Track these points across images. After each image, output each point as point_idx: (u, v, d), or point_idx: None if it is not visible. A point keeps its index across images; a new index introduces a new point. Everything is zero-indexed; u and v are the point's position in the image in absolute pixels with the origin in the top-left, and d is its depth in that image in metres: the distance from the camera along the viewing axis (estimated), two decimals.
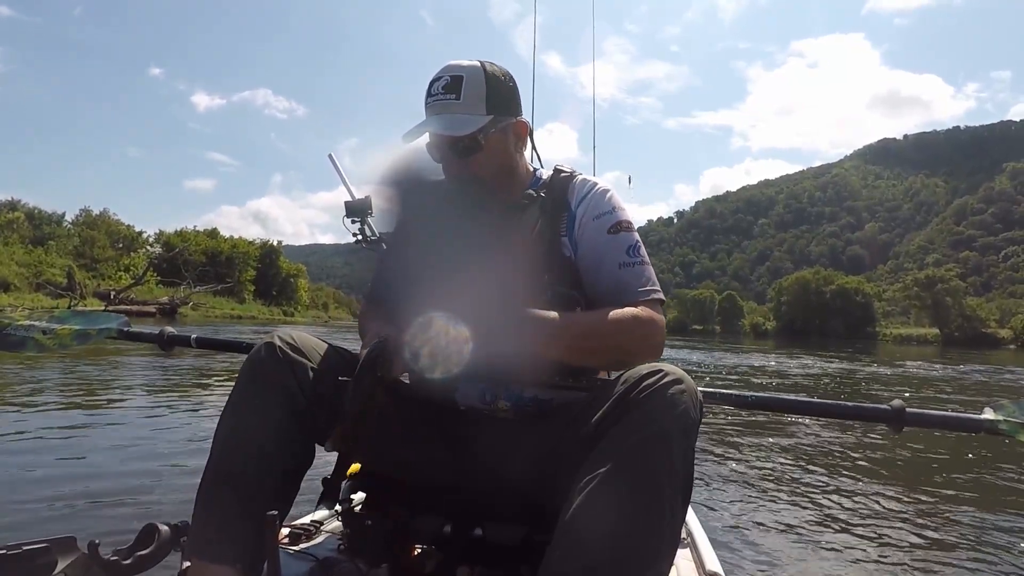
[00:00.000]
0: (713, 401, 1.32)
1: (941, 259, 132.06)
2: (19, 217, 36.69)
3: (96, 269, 35.78)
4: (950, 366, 16.67)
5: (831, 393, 8.77)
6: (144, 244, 43.44)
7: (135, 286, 31.38)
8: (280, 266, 49.83)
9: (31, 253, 31.88)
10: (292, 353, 1.04)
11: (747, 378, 10.54)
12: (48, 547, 1.00)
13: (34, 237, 35.68)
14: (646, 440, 0.85)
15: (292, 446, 1.01)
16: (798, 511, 3.01)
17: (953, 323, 65.51)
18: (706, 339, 47.24)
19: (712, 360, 15.58)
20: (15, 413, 4.48)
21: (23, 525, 2.26)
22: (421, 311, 0.97)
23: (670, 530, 0.84)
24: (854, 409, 1.40)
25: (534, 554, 0.94)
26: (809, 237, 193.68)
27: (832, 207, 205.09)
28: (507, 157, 1.18)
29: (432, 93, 1.13)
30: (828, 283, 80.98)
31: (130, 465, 3.19)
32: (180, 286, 33.29)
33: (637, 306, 1.08)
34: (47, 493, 2.65)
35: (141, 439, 3.86)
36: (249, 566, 0.93)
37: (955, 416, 1.32)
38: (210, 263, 40.91)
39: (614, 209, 1.16)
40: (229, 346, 1.69)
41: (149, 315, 26.43)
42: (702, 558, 1.37)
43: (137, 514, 2.40)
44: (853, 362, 17.01)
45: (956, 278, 74.38)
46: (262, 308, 42.40)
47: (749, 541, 2.55)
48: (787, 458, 4.18)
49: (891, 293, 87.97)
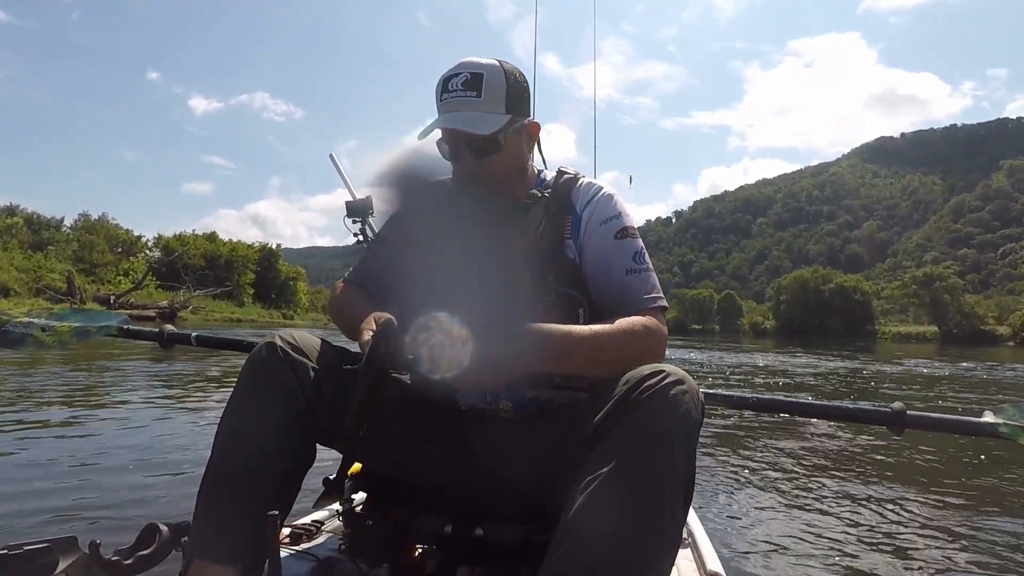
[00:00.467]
0: (715, 403, 1.32)
1: (939, 257, 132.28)
2: (18, 222, 36.66)
3: (95, 274, 35.73)
4: (949, 364, 16.67)
5: (833, 393, 8.76)
6: (143, 248, 43.41)
7: (135, 290, 31.37)
8: (279, 269, 49.79)
9: (30, 258, 31.83)
10: (293, 353, 1.04)
11: (748, 378, 10.53)
12: (49, 547, 1.00)
13: (33, 242, 35.64)
14: (647, 440, 0.85)
15: (293, 446, 1.01)
16: (799, 512, 3.00)
17: (951, 320, 65.59)
18: (706, 339, 47.22)
19: (712, 360, 15.54)
20: (15, 413, 4.47)
21: (24, 525, 2.26)
22: (423, 311, 0.97)
23: (671, 530, 0.85)
24: (855, 411, 1.41)
25: (534, 554, 0.94)
26: (807, 236, 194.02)
27: (830, 206, 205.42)
28: (521, 159, 1.18)
29: (450, 89, 1.10)
30: (827, 282, 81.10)
31: (131, 465, 3.19)
32: (179, 290, 33.30)
33: (643, 314, 1.08)
34: (48, 493, 2.65)
35: (142, 439, 3.86)
36: (249, 566, 0.93)
37: (956, 419, 1.31)
38: (209, 267, 40.89)
39: (620, 214, 1.15)
40: (229, 344, 1.69)
41: (149, 319, 26.43)
42: (703, 558, 1.37)
43: (138, 514, 2.40)
44: (853, 361, 16.98)
45: (954, 276, 74.53)
46: (261, 311, 42.37)
47: (750, 541, 2.55)
48: (788, 459, 4.18)
49: (889, 291, 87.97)
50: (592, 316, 1.12)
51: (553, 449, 0.99)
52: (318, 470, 1.05)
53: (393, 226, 1.25)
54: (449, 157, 1.14)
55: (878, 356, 20.82)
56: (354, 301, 1.19)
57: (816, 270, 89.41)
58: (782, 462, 4.07)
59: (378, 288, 1.22)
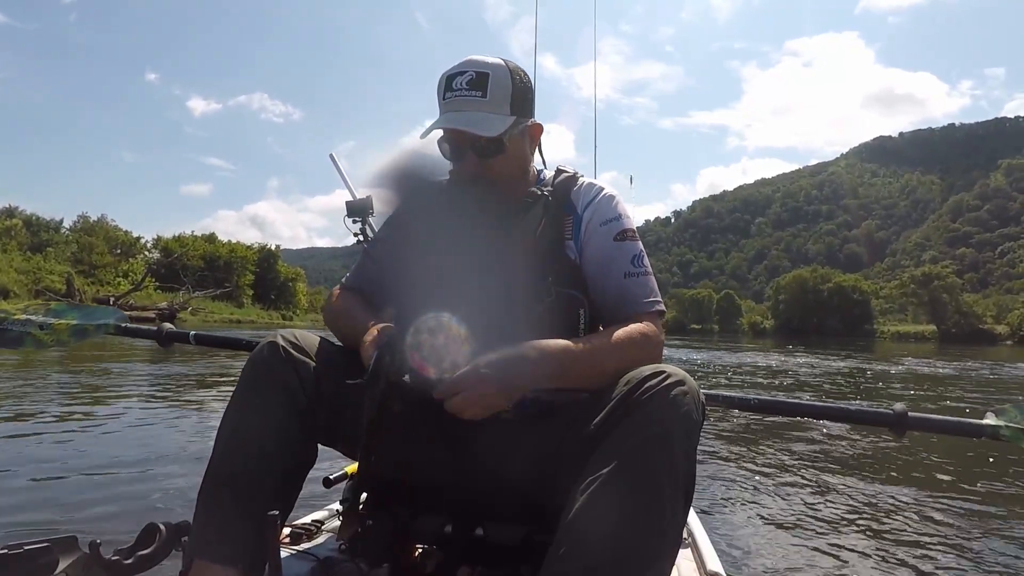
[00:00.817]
0: (716, 404, 1.32)
1: (938, 256, 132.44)
2: (17, 224, 36.67)
3: (94, 275, 35.77)
4: (948, 363, 16.70)
5: (833, 393, 8.77)
6: (142, 250, 43.44)
7: (134, 292, 31.39)
8: (278, 270, 49.84)
9: (30, 260, 31.91)
10: (295, 352, 1.03)
11: (748, 378, 10.55)
12: (49, 547, 1.00)
13: (32, 244, 35.65)
14: (648, 441, 0.85)
15: (294, 446, 1.00)
16: (800, 512, 3.00)
17: (950, 320, 65.72)
18: (705, 338, 47.27)
19: (712, 359, 15.56)
20: (15, 413, 4.47)
21: (24, 525, 2.25)
22: (423, 311, 0.97)
23: (672, 530, 0.85)
24: (857, 413, 1.41)
25: (535, 554, 0.94)
26: (806, 236, 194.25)
27: (829, 205, 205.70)
28: (524, 160, 1.17)
29: (454, 88, 1.08)
30: (825, 281, 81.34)
31: (131, 465, 3.19)
32: (179, 291, 33.30)
33: (640, 318, 1.07)
34: (48, 493, 2.65)
35: (142, 439, 3.85)
36: (250, 566, 0.93)
37: (957, 421, 1.31)
38: (208, 268, 40.96)
39: (620, 216, 1.14)
40: (228, 343, 1.68)
41: (148, 320, 26.35)
42: (703, 558, 1.37)
43: (138, 514, 2.39)
44: (852, 360, 17.00)
45: (953, 275, 74.61)
46: (261, 312, 42.42)
47: (750, 542, 2.54)
48: (789, 459, 4.18)
49: (888, 291, 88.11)
50: (592, 317, 1.12)
51: (553, 449, 0.99)
52: (318, 470, 1.05)
53: (391, 228, 1.24)
54: (450, 157, 1.12)
55: (877, 356, 20.85)
56: (351, 309, 1.18)
57: (815, 269, 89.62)
58: (782, 463, 4.07)
59: (375, 291, 1.21)
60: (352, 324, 1.11)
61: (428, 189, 1.09)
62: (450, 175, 1.13)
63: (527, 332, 1.00)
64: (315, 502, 1.66)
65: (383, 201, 1.09)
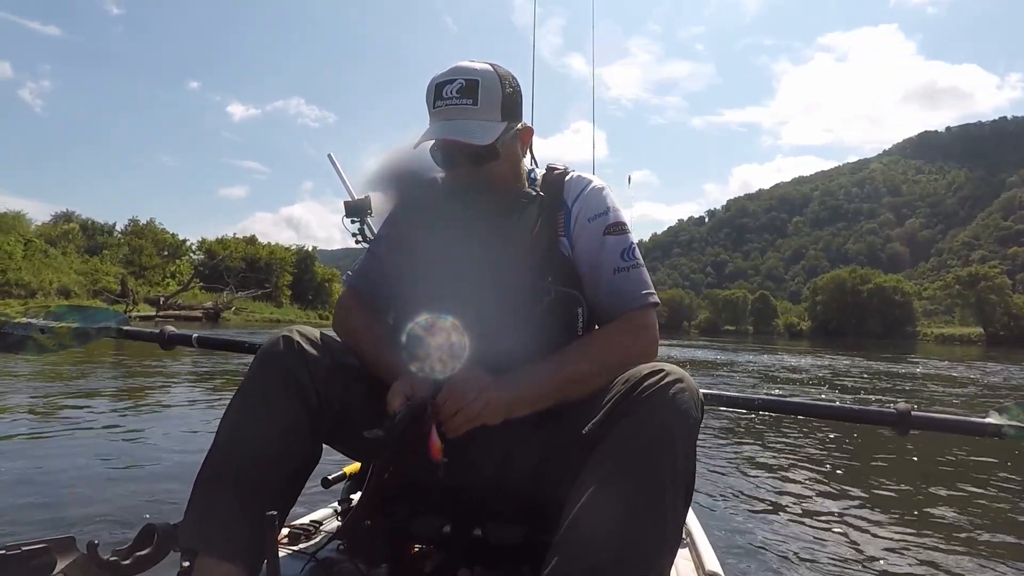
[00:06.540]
0: (718, 403, 1.32)
1: (987, 255, 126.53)
2: (74, 228, 38.61)
3: (144, 276, 37.17)
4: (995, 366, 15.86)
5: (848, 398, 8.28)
6: (188, 251, 45.12)
7: (182, 292, 32.49)
8: (315, 271, 51.06)
9: (87, 262, 33.50)
10: (309, 348, 1.01)
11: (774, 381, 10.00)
12: (47, 547, 0.99)
13: (88, 247, 37.56)
14: (648, 440, 0.85)
15: (299, 444, 0.99)
16: (798, 512, 2.98)
17: (998, 322, 63.07)
18: (738, 340, 45.99)
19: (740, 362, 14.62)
20: (15, 413, 4.44)
21: (22, 525, 2.23)
22: (422, 312, 1.00)
23: (671, 530, 0.84)
24: (859, 412, 1.38)
25: (534, 554, 0.94)
26: (846, 235, 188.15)
27: (870, 203, 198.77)
28: (516, 163, 1.15)
29: (444, 96, 1.06)
30: (865, 282, 78.76)
31: (130, 465, 3.17)
32: (223, 291, 34.39)
33: (633, 313, 1.07)
34: (46, 494, 2.63)
35: (142, 439, 3.82)
36: (249, 565, 0.92)
37: (960, 419, 1.29)
38: (249, 269, 42.17)
39: (609, 209, 1.13)
40: (230, 345, 1.64)
41: (196, 319, 27.35)
42: (702, 558, 1.36)
43: (136, 514, 2.38)
44: (887, 363, 16.17)
45: (1001, 275, 71.46)
46: (299, 312, 43.35)
47: (749, 541, 2.52)
48: (789, 459, 4.11)
49: (931, 291, 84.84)
50: (589, 314, 1.12)
51: (553, 449, 0.99)
52: (318, 470, 1.06)
53: (392, 226, 1.23)
54: (443, 165, 1.11)
55: (916, 358, 19.82)
56: (353, 312, 1.17)
57: (854, 270, 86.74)
58: (781, 462, 4.04)
59: (381, 290, 1.21)
60: (353, 327, 1.14)
61: (424, 189, 1.11)
62: (443, 182, 1.14)
63: (527, 333, 1.02)
64: (314, 502, 1.65)
65: (381, 200, 1.13)
